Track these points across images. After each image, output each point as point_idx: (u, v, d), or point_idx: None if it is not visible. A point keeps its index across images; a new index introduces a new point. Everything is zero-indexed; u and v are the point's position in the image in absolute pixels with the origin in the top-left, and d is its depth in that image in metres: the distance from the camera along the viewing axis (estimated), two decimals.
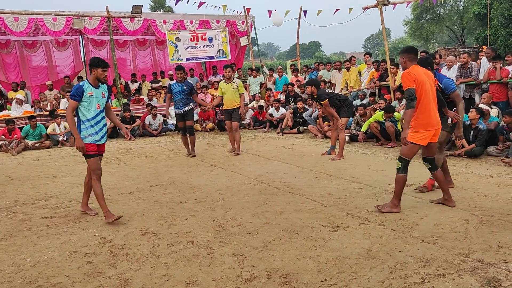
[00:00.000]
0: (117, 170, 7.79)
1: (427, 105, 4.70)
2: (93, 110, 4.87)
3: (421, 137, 4.73)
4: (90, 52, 16.33)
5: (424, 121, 4.71)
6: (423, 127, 4.72)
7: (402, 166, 4.79)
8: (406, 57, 4.86)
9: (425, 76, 4.75)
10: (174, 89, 8.65)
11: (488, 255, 3.58)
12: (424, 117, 4.71)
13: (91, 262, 3.81)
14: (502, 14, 21.70)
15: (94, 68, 4.83)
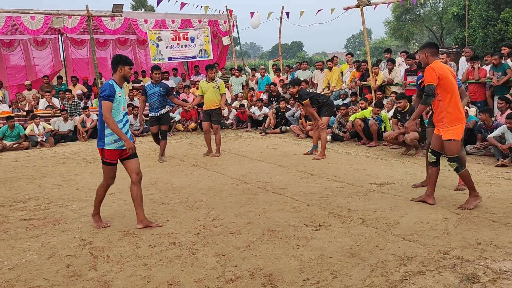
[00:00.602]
0: (98, 171, 7.66)
1: (456, 98, 4.77)
2: (120, 112, 4.49)
3: (459, 130, 4.79)
4: (70, 51, 16.09)
5: (456, 115, 4.76)
6: (457, 121, 4.77)
7: (458, 164, 4.81)
8: (428, 51, 4.88)
9: (448, 70, 4.82)
10: (149, 90, 8.13)
11: (467, 252, 3.64)
12: (455, 111, 4.76)
13: (71, 265, 3.75)
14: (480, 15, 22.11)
15: (122, 65, 4.50)
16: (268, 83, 13.81)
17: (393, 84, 10.72)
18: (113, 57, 4.64)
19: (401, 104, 8.01)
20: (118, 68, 4.51)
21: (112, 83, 4.46)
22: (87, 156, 9.21)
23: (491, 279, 3.16)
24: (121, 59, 4.54)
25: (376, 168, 6.98)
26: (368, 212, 4.79)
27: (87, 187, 6.51)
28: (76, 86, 13.83)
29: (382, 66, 11.43)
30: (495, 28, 20.86)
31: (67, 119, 11.76)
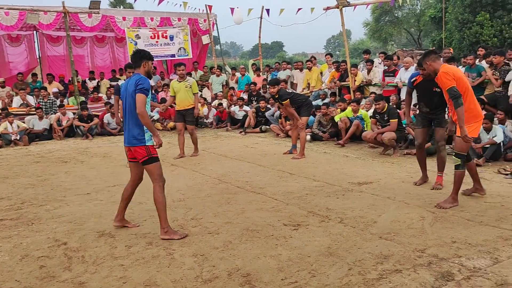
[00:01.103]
0: (73, 170, 7.54)
1: (471, 96, 4.83)
2: (149, 108, 4.25)
3: (476, 128, 4.85)
4: (46, 48, 15.74)
5: (474, 112, 4.82)
6: (474, 118, 4.83)
7: (461, 162, 4.88)
8: (428, 60, 4.96)
9: (459, 71, 4.95)
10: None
11: (442, 250, 3.69)
12: (472, 109, 4.82)
13: (44, 266, 3.66)
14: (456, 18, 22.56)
15: (146, 61, 4.28)
16: (248, 82, 13.79)
17: (371, 85, 10.83)
18: (136, 52, 4.38)
19: (380, 105, 8.09)
20: (142, 63, 4.27)
21: (144, 77, 4.21)
22: (62, 155, 9.03)
23: (465, 276, 3.22)
24: (146, 54, 4.32)
25: (355, 168, 7.04)
26: (346, 211, 4.82)
27: (62, 186, 6.38)
28: (52, 84, 13.55)
29: (361, 67, 11.55)
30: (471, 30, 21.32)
31: (42, 117, 11.51)
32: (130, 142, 4.21)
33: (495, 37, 20.90)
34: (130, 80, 4.23)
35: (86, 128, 11.46)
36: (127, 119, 4.24)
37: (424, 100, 5.75)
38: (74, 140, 11.26)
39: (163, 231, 4.18)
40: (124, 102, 4.26)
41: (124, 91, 4.28)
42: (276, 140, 10.31)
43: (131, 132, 4.18)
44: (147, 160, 4.20)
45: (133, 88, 4.11)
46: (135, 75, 4.21)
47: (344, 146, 8.95)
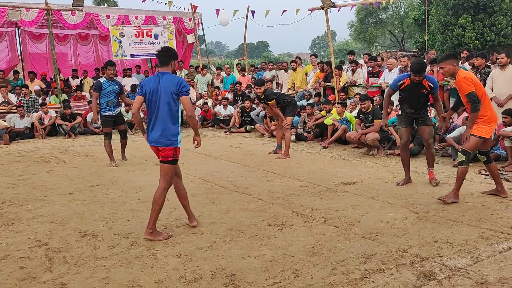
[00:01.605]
0: (55, 169, 7.43)
1: (486, 100, 4.98)
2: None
3: (488, 130, 4.97)
4: (28, 45, 15.52)
5: (490, 114, 4.95)
6: (489, 121, 4.95)
7: (466, 159, 4.95)
8: (455, 62, 5.03)
9: (474, 76, 5.06)
10: (106, 88, 7.44)
11: (424, 250, 3.73)
12: (488, 112, 4.95)
13: (25, 267, 3.59)
14: (439, 20, 22.85)
15: (174, 60, 4.23)
16: (233, 82, 13.77)
17: (355, 86, 10.91)
18: (163, 49, 4.25)
19: (365, 105, 8.16)
20: (171, 62, 4.19)
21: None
22: (44, 154, 8.90)
23: (446, 276, 3.26)
24: (174, 54, 4.24)
25: (339, 168, 7.08)
26: (330, 211, 4.85)
27: (44, 186, 6.28)
28: (34, 82, 13.34)
29: (345, 68, 11.62)
30: (453, 33, 21.62)
31: (23, 115, 11.33)
32: (162, 143, 4.10)
33: (476, 40, 21.23)
34: (162, 79, 4.08)
35: (69, 127, 11.31)
36: (159, 118, 4.09)
37: (410, 102, 5.87)
38: (56, 139, 11.11)
39: (148, 232, 4.11)
40: (155, 101, 4.09)
41: (154, 89, 4.10)
42: (261, 140, 10.32)
43: (166, 132, 4.08)
44: (170, 161, 4.16)
45: (173, 89, 4.03)
46: (168, 74, 4.12)
47: (328, 147, 8.98)
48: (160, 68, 4.21)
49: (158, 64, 4.29)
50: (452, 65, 5.00)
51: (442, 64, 5.05)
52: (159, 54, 4.24)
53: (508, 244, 3.82)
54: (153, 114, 4.14)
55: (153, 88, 4.11)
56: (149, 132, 4.20)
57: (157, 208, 4.13)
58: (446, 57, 5.15)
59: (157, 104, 4.10)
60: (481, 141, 5.01)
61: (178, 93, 4.06)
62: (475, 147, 5.02)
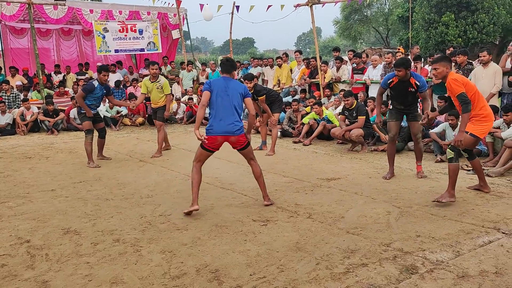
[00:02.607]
0: (37, 166, 7.32)
1: (481, 98, 4.89)
2: None
3: (483, 130, 4.87)
4: (9, 40, 15.18)
5: (485, 113, 4.85)
6: (485, 120, 4.85)
7: (454, 155, 4.83)
8: (449, 65, 4.94)
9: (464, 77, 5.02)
10: (97, 93, 7.35)
11: (407, 244, 3.78)
12: (483, 110, 4.84)
13: (6, 265, 3.54)
14: (423, 17, 23.10)
15: (235, 70, 5.07)
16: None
17: (340, 82, 10.97)
18: (229, 60, 5.03)
19: (348, 101, 8.20)
20: (233, 72, 4.97)
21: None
22: (26, 151, 8.76)
23: (428, 269, 3.31)
24: (235, 65, 5.13)
25: (323, 164, 7.12)
26: (315, 206, 4.87)
27: (26, 183, 6.19)
28: (16, 77, 13.10)
29: (330, 64, 11.66)
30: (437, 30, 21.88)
31: (4, 111, 11.13)
32: (234, 133, 4.77)
33: (459, 37, 21.53)
34: (229, 82, 4.81)
35: (52, 123, 11.14)
36: (228, 111, 4.74)
37: (399, 99, 6.03)
38: (38, 135, 10.94)
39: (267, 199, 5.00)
40: (226, 97, 4.74)
41: (224, 88, 4.75)
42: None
43: (237, 123, 4.77)
44: (247, 144, 4.95)
45: (241, 91, 4.81)
46: (233, 80, 4.91)
47: (311, 144, 8.99)
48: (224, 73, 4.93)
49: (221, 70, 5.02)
50: (446, 67, 4.89)
51: (436, 65, 4.93)
52: (224, 62, 5.00)
53: (489, 238, 3.89)
54: (223, 108, 4.75)
55: (221, 86, 4.78)
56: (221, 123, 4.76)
57: (263, 180, 5.03)
58: (441, 58, 5.02)
59: (229, 100, 4.76)
60: (473, 140, 4.91)
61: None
62: (466, 145, 4.89)
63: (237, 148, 4.92)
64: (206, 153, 4.89)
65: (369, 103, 9.17)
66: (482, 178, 5.26)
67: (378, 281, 3.14)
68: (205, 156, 4.92)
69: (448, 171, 4.90)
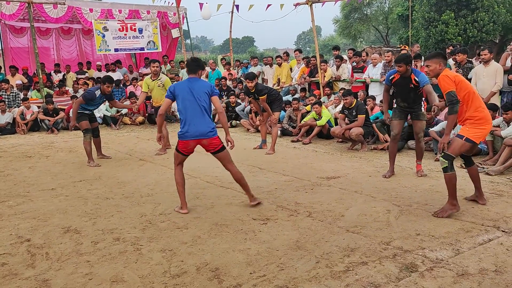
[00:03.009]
0: (37, 165, 7.33)
1: (477, 99, 4.49)
2: None
3: (480, 134, 4.46)
4: (8, 39, 15.19)
5: (481, 115, 4.45)
6: (481, 123, 4.44)
7: (449, 164, 4.42)
8: (442, 61, 4.60)
9: (460, 75, 4.70)
10: (97, 102, 7.38)
11: (407, 243, 3.78)
12: (478, 112, 4.44)
13: (6, 263, 3.55)
14: (422, 16, 23.09)
15: (202, 70, 4.87)
16: (218, 77, 13.72)
17: (340, 81, 10.97)
18: (194, 60, 4.86)
19: (347, 100, 8.21)
20: (199, 71, 4.77)
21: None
22: (26, 150, 8.77)
23: (428, 267, 3.31)
24: (201, 64, 4.85)
25: (323, 162, 7.12)
26: (315, 205, 4.88)
27: (26, 182, 6.19)
28: (15, 76, 13.10)
29: (330, 63, 11.66)
30: (436, 29, 21.88)
31: (4, 110, 11.14)
32: (207, 135, 4.64)
33: (459, 36, 21.52)
34: (194, 82, 4.66)
35: (52, 122, 11.16)
36: (197, 114, 4.60)
37: (402, 96, 6.04)
38: (38, 135, 10.95)
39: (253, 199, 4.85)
40: (193, 100, 4.60)
41: (188, 91, 4.61)
42: (246, 135, 10.32)
43: (208, 125, 4.64)
44: (222, 147, 4.75)
45: (206, 90, 4.64)
46: (198, 80, 4.73)
47: (311, 143, 9.00)
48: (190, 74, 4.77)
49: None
50: (439, 64, 4.57)
51: (428, 62, 4.66)
52: (189, 62, 4.83)
53: (488, 236, 3.90)
54: (191, 111, 4.63)
55: (183, 89, 4.65)
56: (191, 127, 4.64)
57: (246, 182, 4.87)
58: (434, 55, 4.72)
59: (195, 103, 4.62)
60: (469, 146, 4.49)
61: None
62: (460, 151, 4.51)
63: (210, 151, 4.77)
64: (181, 156, 4.80)
65: (369, 101, 9.17)
66: (478, 188, 4.83)
67: (378, 280, 3.15)
68: (181, 159, 4.83)
69: (445, 181, 4.50)
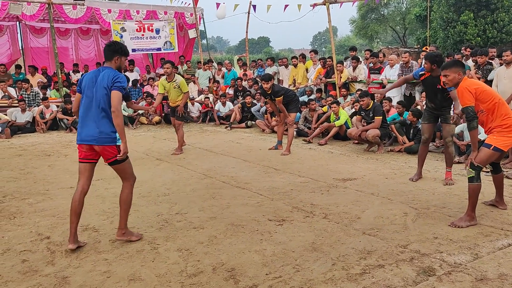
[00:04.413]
0: (57, 163, 7.45)
1: (503, 107, 4.28)
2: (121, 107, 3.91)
3: (508, 142, 4.26)
4: (29, 39, 15.49)
5: (510, 121, 4.24)
6: (510, 130, 4.24)
7: (476, 174, 4.26)
8: (461, 70, 4.42)
9: (481, 83, 4.54)
10: None
11: (424, 246, 3.75)
12: (507, 120, 4.24)
13: (27, 260, 3.62)
14: (441, 17, 22.79)
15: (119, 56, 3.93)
16: (234, 77, 13.76)
17: (357, 82, 10.90)
18: (110, 44, 4.01)
19: (364, 102, 8.16)
20: (114, 58, 3.93)
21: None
22: (45, 149, 8.91)
23: (446, 271, 3.28)
24: (119, 49, 3.95)
25: (339, 164, 7.09)
26: (331, 207, 4.86)
27: (45, 180, 6.30)
28: (35, 76, 13.34)
29: (346, 64, 11.60)
30: (455, 29, 21.57)
31: (25, 109, 11.34)
32: (98, 140, 3.75)
33: (478, 37, 21.18)
34: (99, 74, 3.82)
35: (70, 121, 11.32)
36: (91, 114, 3.79)
37: (429, 95, 5.88)
38: (57, 133, 11.12)
39: (120, 232, 3.96)
40: (89, 96, 3.81)
41: (89, 84, 3.83)
42: (262, 136, 10.33)
43: (102, 128, 3.75)
44: (115, 160, 3.84)
45: (107, 83, 3.75)
46: (107, 69, 3.85)
47: (326, 144, 8.97)
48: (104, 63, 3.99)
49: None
50: (458, 74, 4.39)
51: (446, 71, 4.45)
52: (105, 47, 4.02)
53: (508, 241, 3.84)
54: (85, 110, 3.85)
55: (85, 82, 3.89)
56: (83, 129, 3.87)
57: (127, 208, 3.99)
58: (452, 64, 4.52)
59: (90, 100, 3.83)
60: (497, 155, 4.34)
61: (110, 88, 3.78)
62: (489, 161, 4.33)
63: (106, 162, 3.89)
64: (80, 164, 3.92)
65: (385, 103, 9.10)
66: (500, 194, 4.73)
67: (394, 283, 3.12)
68: (81, 169, 3.92)
69: (468, 191, 4.32)
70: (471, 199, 4.29)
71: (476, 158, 4.29)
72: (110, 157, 3.82)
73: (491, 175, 4.83)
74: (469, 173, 4.31)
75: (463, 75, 4.44)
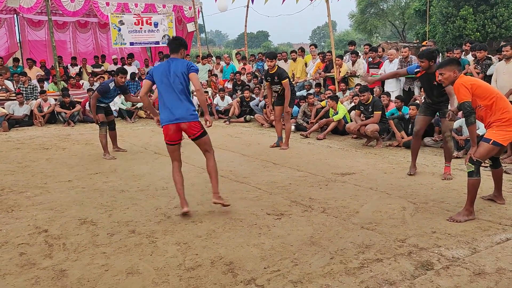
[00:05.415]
0: (54, 157, 7.43)
1: (501, 101, 4.28)
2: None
3: (508, 136, 4.24)
4: (26, 32, 15.41)
5: (509, 115, 4.22)
6: (510, 124, 4.22)
7: (475, 169, 4.26)
8: (457, 68, 4.43)
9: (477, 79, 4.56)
10: (111, 95, 7.40)
11: (423, 240, 3.75)
12: (506, 114, 4.23)
13: (24, 253, 3.61)
14: (440, 11, 22.73)
15: (184, 48, 4.60)
16: (233, 71, 13.72)
17: (356, 76, 10.88)
18: (175, 39, 4.61)
19: (364, 97, 8.14)
20: (180, 50, 4.52)
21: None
22: (43, 142, 8.89)
23: (444, 266, 3.28)
24: (183, 42, 4.60)
25: (338, 158, 7.09)
26: (329, 201, 4.86)
27: (43, 173, 6.28)
28: (33, 69, 13.28)
29: (346, 58, 11.57)
30: (454, 24, 21.52)
31: (22, 103, 11.30)
32: (188, 118, 4.39)
33: (477, 32, 21.14)
34: (170, 64, 4.40)
35: (68, 115, 11.29)
36: (173, 97, 4.38)
37: (426, 92, 5.88)
38: (55, 127, 11.09)
39: (217, 195, 4.52)
40: (166, 83, 4.39)
41: (164, 73, 4.40)
42: (260, 130, 10.31)
43: (187, 107, 4.40)
44: (203, 132, 4.54)
45: (183, 70, 4.37)
46: (176, 60, 4.45)
47: (325, 138, 8.96)
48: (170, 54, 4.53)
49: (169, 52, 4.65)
50: (453, 72, 4.41)
51: (442, 70, 4.48)
52: (170, 41, 4.58)
53: (506, 235, 3.84)
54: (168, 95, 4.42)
55: (162, 72, 4.43)
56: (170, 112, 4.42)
57: (217, 174, 4.65)
58: (447, 63, 4.54)
59: (171, 86, 4.40)
60: (497, 149, 4.33)
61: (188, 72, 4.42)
62: (488, 155, 4.32)
63: (191, 137, 4.55)
64: (170, 147, 4.58)
65: (383, 98, 9.07)
66: (498, 188, 4.73)
67: (393, 277, 3.13)
68: (172, 152, 4.61)
69: (467, 186, 4.32)
70: (470, 193, 4.30)
71: (475, 152, 4.28)
72: (195, 131, 4.48)
73: (490, 170, 4.83)
74: (469, 167, 4.31)
75: (458, 73, 4.45)
